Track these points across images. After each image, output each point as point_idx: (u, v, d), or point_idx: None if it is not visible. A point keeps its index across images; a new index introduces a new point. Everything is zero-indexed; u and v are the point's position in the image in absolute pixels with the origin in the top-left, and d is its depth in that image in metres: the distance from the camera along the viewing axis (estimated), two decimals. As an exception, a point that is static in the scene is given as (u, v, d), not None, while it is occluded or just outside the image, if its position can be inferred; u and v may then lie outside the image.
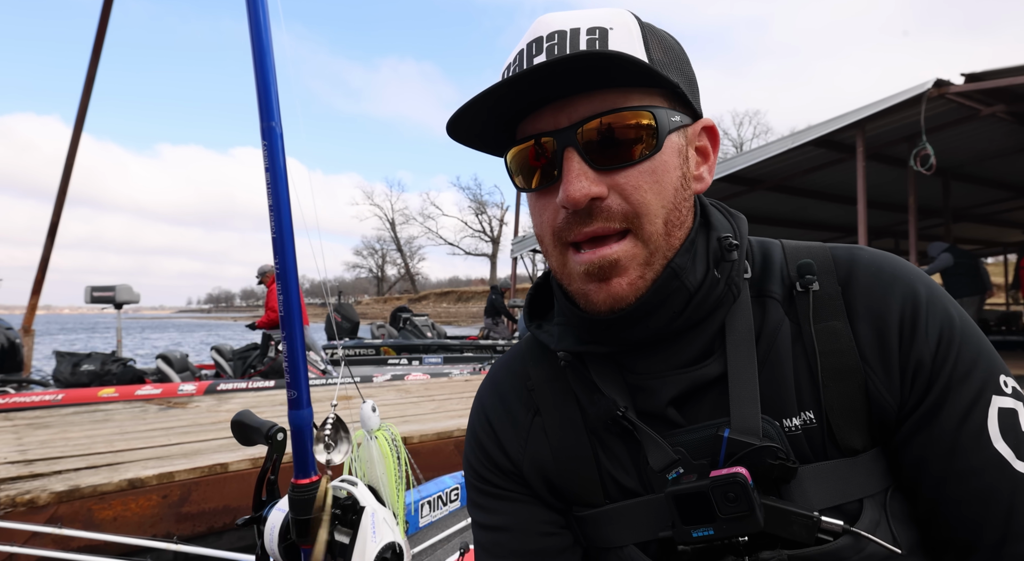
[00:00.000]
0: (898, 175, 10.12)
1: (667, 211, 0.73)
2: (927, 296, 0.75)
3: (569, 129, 0.71)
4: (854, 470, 0.72)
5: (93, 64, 8.73)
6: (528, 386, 0.89)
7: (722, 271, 0.76)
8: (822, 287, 0.78)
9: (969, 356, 0.72)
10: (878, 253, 0.80)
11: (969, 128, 8.84)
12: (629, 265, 0.72)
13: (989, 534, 0.69)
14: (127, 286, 9.94)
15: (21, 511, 3.37)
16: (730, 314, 0.78)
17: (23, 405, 6.59)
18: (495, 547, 0.86)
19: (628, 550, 0.79)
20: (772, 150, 9.69)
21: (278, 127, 0.50)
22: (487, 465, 0.90)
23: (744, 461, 0.70)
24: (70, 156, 8.94)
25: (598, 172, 0.70)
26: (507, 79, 0.68)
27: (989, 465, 0.68)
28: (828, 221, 14.89)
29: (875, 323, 0.74)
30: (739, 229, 0.82)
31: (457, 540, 3.22)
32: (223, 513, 4.06)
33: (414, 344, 13.87)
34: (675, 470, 0.74)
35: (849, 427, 0.73)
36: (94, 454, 4.37)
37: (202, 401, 7.17)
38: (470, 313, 55.07)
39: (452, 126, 0.74)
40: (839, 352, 0.74)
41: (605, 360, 0.82)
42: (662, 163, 0.73)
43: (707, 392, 0.77)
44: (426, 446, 4.91)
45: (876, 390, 0.73)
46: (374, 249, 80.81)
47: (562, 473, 0.83)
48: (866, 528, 0.70)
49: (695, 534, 0.69)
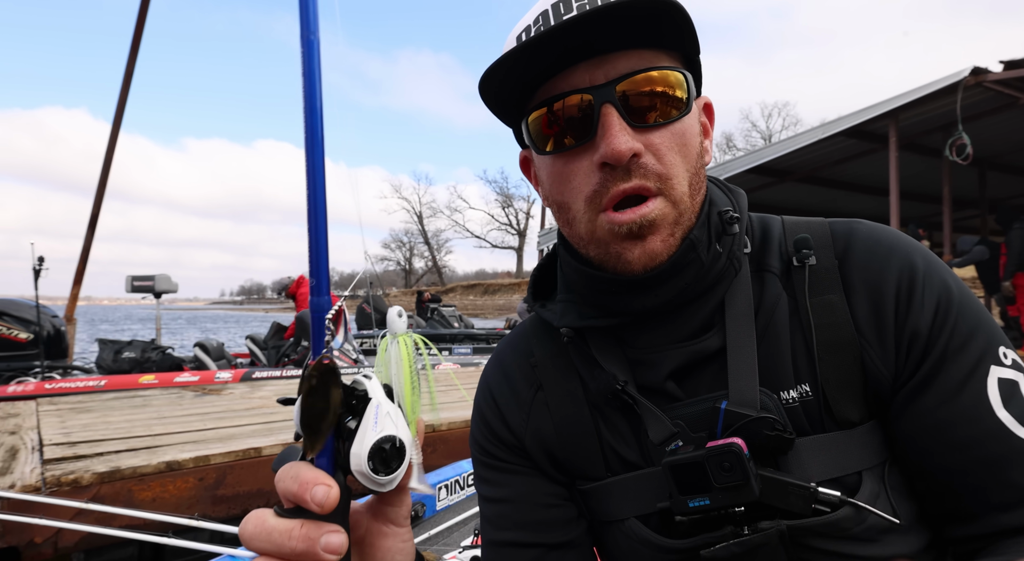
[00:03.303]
0: (932, 165, 9.91)
1: (690, 175, 0.73)
2: (924, 267, 0.74)
3: (607, 86, 0.69)
4: (851, 442, 0.72)
5: (131, 63, 8.98)
6: (531, 362, 0.89)
7: (723, 245, 0.76)
8: (819, 261, 0.77)
9: (966, 327, 0.71)
10: (876, 226, 0.80)
11: (1007, 116, 8.60)
12: (663, 224, 0.72)
13: (994, 500, 0.67)
14: (166, 276, 10.22)
15: (66, 490, 3.53)
16: (730, 288, 0.78)
17: (69, 390, 6.85)
18: (499, 519, 0.87)
19: (630, 523, 0.79)
20: (802, 140, 9.55)
21: (316, 38, 0.54)
22: (491, 439, 0.91)
23: (741, 432, 0.70)
24: (109, 150, 9.21)
25: (635, 130, 0.70)
26: (553, 27, 0.65)
27: (991, 433, 0.67)
28: (859, 213, 14.56)
29: (871, 295, 0.74)
30: (739, 204, 0.82)
31: (472, 523, 3.29)
32: (256, 496, 4.18)
33: (441, 334, 14.01)
34: (674, 442, 0.74)
35: (845, 400, 0.73)
36: (133, 437, 4.53)
37: (236, 388, 7.36)
38: (496, 306, 55.14)
39: (484, 84, 0.73)
40: (834, 325, 0.74)
41: (606, 335, 0.82)
42: (690, 126, 0.74)
43: (707, 366, 0.77)
44: (455, 433, 5.01)
45: (872, 363, 0.73)
46: (402, 242, 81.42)
47: (564, 446, 0.84)
48: (865, 500, 0.70)
49: (692, 504, 0.70)
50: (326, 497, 0.49)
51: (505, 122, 0.83)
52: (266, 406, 5.99)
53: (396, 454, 0.52)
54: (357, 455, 0.51)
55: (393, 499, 0.58)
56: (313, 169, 0.52)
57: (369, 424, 0.52)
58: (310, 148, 0.52)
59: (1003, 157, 10.64)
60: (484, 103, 0.77)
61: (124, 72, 9.01)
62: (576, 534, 0.85)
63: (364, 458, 0.51)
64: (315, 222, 0.52)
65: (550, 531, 0.84)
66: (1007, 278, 7.95)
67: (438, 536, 3.18)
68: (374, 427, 0.52)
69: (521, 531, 0.85)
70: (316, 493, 0.48)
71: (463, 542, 3.00)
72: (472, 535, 2.96)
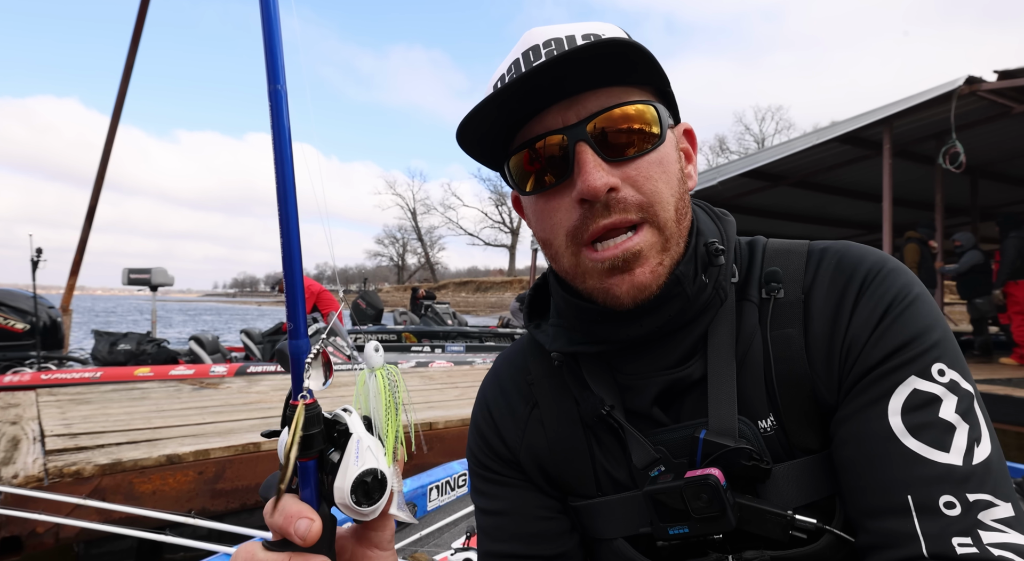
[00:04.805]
0: (925, 173, 10.01)
1: (676, 199, 0.75)
2: (885, 273, 0.74)
3: (579, 125, 0.72)
4: (822, 467, 0.74)
5: (131, 55, 8.95)
6: (528, 380, 0.91)
7: (709, 276, 0.78)
8: (787, 294, 0.78)
9: (902, 336, 0.70)
10: (848, 251, 0.79)
11: (1000, 126, 8.70)
12: (650, 254, 0.73)
13: (862, 503, 0.68)
14: (162, 269, 10.24)
15: (68, 482, 3.56)
16: (715, 319, 0.79)
17: (65, 381, 6.86)
18: (496, 531, 0.89)
19: (618, 543, 0.81)
20: (797, 145, 9.62)
21: (283, 90, 0.56)
22: (487, 453, 0.93)
23: (719, 462, 0.71)
24: (108, 142, 9.18)
25: (610, 164, 0.72)
26: (525, 73, 0.68)
27: (874, 435, 0.67)
28: (852, 218, 14.72)
29: (828, 323, 0.75)
30: (727, 233, 0.83)
31: (464, 524, 3.31)
32: (254, 491, 4.20)
33: (435, 331, 14.04)
34: (656, 468, 0.76)
35: (802, 430, 0.75)
36: (133, 430, 4.55)
37: (233, 382, 7.38)
38: (488, 303, 55.12)
39: (462, 132, 0.75)
40: (789, 359, 0.75)
41: (596, 360, 0.84)
42: (666, 154, 0.76)
43: (689, 393, 0.79)
44: (451, 431, 5.02)
45: (821, 394, 0.74)
46: (395, 238, 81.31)
47: (557, 463, 0.86)
48: (842, 526, 0.71)
49: (671, 532, 0.71)
50: (307, 531, 0.51)
51: (488, 166, 0.85)
52: (264, 401, 6.02)
53: (378, 486, 0.55)
54: (340, 489, 0.54)
55: (376, 524, 0.60)
56: (287, 224, 0.54)
57: (351, 458, 0.54)
58: (283, 202, 0.53)
59: (995, 165, 10.76)
60: (463, 150, 0.79)
61: (124, 65, 8.99)
62: (570, 546, 0.87)
63: (347, 491, 0.54)
64: (291, 273, 0.54)
65: (545, 543, 0.87)
66: (998, 286, 8.04)
67: (429, 537, 3.21)
68: (356, 461, 0.54)
69: (517, 543, 0.87)
70: (299, 527, 0.51)
71: (454, 544, 3.03)
72: (464, 536, 2.98)
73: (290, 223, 0.54)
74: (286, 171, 0.53)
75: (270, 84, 0.53)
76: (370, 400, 0.60)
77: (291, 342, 0.54)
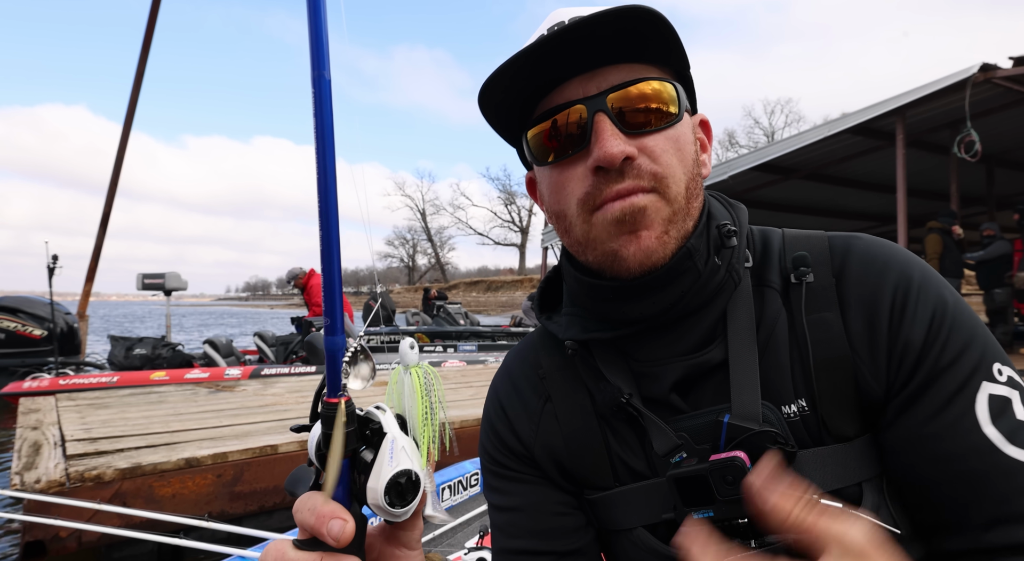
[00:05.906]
0: (939, 162, 9.91)
1: (688, 178, 0.75)
2: (920, 280, 0.75)
3: (599, 96, 0.73)
4: (851, 455, 0.73)
5: (142, 62, 9.02)
6: (540, 374, 0.91)
7: (722, 258, 0.78)
8: (816, 279, 0.78)
9: (960, 341, 0.71)
10: (874, 241, 0.80)
11: (1016, 113, 8.61)
12: (655, 218, 0.72)
13: (975, 517, 0.67)
14: (176, 273, 10.30)
15: (90, 486, 3.59)
16: (732, 301, 0.79)
17: (83, 386, 6.93)
18: (511, 527, 0.89)
19: (637, 532, 0.80)
20: (807, 138, 9.56)
21: (327, 77, 0.53)
22: (501, 449, 0.92)
23: (744, 445, 0.71)
24: (120, 149, 9.26)
25: (627, 136, 0.72)
26: (545, 37, 0.69)
27: (975, 449, 0.67)
28: (865, 210, 14.60)
29: (866, 311, 0.75)
30: (739, 218, 0.83)
31: (477, 523, 3.33)
32: (273, 493, 4.23)
33: (448, 331, 14.07)
34: (678, 454, 0.75)
35: (840, 415, 0.74)
36: (152, 434, 4.59)
37: (248, 385, 7.44)
38: (499, 302, 55.19)
39: (486, 93, 0.75)
40: (829, 342, 0.75)
41: (610, 347, 0.84)
42: (682, 133, 0.76)
43: (709, 378, 0.78)
44: (466, 431, 5.01)
45: (864, 378, 0.74)
46: (405, 239, 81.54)
47: (573, 457, 0.86)
48: (868, 512, 0.71)
49: (696, 516, 0.70)
50: (341, 532, 0.50)
51: (506, 139, 0.85)
52: (280, 403, 6.05)
53: (412, 487, 0.54)
54: (373, 489, 0.53)
55: (406, 524, 0.59)
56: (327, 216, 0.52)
57: (385, 459, 0.53)
58: (323, 195, 0.52)
59: (1011, 153, 10.63)
60: (484, 117, 0.79)
61: (136, 70, 9.07)
62: (585, 542, 0.87)
63: (380, 493, 0.53)
64: (330, 269, 0.53)
65: (560, 539, 0.86)
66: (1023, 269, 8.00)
67: (443, 536, 3.21)
68: (390, 462, 0.53)
69: (532, 539, 0.87)
70: (332, 527, 0.50)
71: (467, 543, 3.04)
72: (477, 535, 2.98)
73: (330, 217, 0.52)
74: (328, 164, 0.52)
75: (314, 70, 0.51)
76: (404, 398, 0.58)
77: (327, 338, 0.53)
